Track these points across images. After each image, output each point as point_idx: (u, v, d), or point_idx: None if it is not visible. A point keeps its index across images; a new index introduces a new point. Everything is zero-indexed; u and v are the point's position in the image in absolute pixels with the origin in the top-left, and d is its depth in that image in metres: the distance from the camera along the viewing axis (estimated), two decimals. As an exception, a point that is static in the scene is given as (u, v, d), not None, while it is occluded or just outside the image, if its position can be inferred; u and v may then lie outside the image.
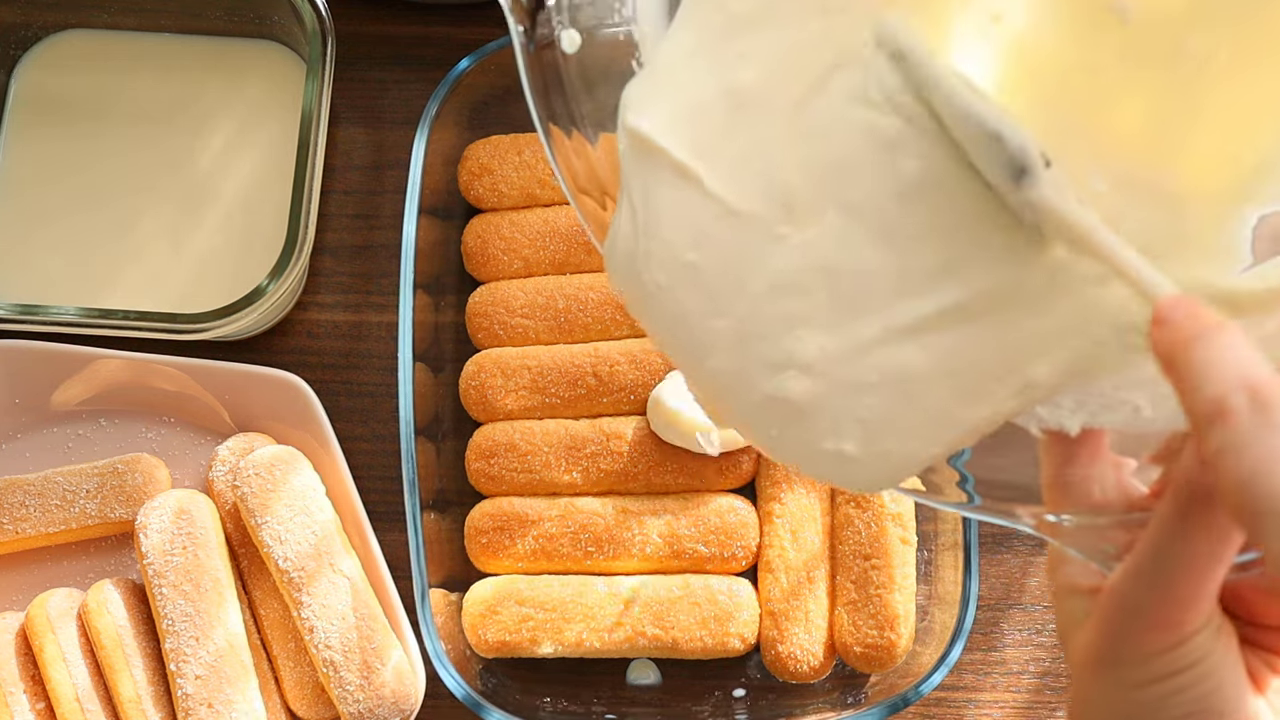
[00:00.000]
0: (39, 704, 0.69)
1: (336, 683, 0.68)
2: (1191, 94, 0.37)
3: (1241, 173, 0.38)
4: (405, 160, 0.76)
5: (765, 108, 0.38)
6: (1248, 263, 0.39)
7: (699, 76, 0.39)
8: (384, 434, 0.77)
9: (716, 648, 0.70)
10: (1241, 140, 0.38)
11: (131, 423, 0.77)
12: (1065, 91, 0.39)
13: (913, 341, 0.37)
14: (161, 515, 0.70)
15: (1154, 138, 0.38)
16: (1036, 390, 0.37)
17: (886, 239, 0.37)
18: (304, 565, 0.69)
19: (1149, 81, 0.38)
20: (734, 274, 0.38)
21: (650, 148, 0.39)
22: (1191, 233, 0.38)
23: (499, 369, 0.74)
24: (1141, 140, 0.39)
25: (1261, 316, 0.37)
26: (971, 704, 0.74)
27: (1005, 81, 0.39)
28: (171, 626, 0.68)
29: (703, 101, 0.39)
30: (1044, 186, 0.35)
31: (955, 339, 0.37)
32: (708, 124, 0.39)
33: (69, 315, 0.72)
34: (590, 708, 0.72)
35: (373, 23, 0.83)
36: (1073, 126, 0.39)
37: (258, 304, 0.71)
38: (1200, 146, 0.38)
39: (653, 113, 0.39)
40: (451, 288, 0.77)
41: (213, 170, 0.79)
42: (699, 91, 0.39)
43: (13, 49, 0.81)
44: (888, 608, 0.69)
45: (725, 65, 0.39)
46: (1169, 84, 0.38)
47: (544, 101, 0.44)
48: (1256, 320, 0.37)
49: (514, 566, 0.72)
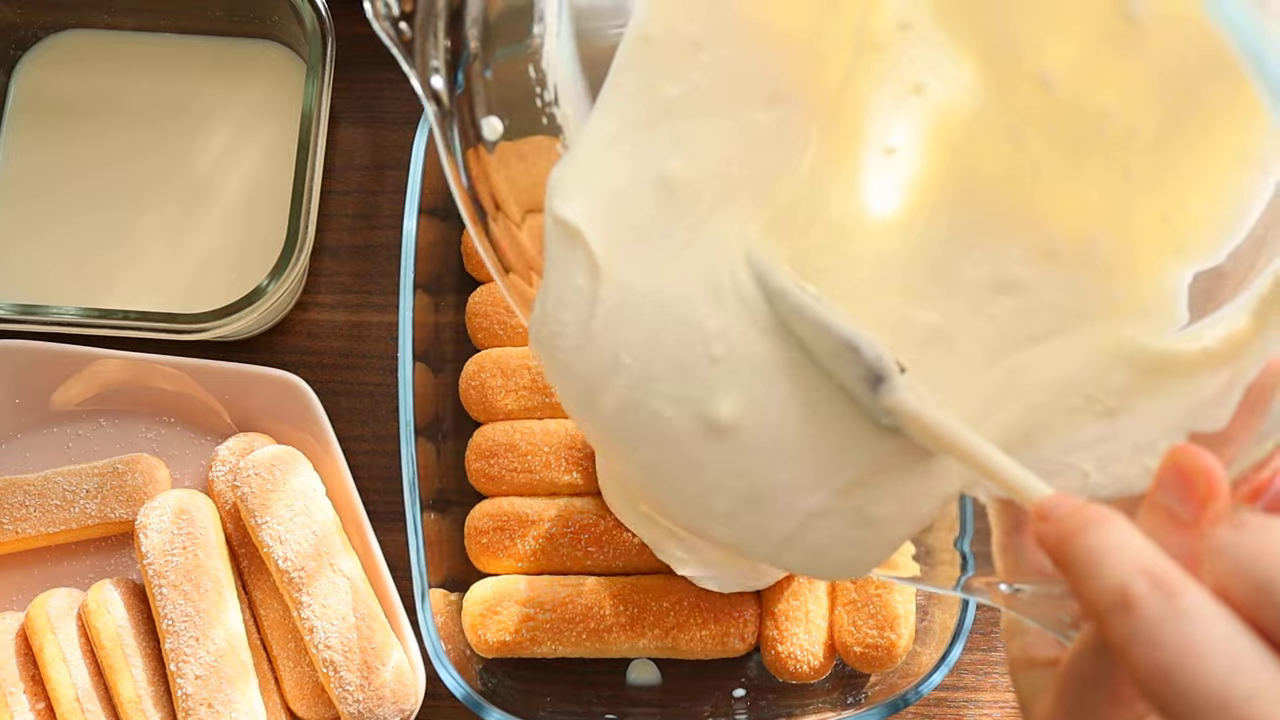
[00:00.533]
0: (39, 704, 0.69)
1: (336, 683, 0.68)
2: (1119, 160, 0.37)
3: (1174, 233, 0.38)
4: (405, 160, 0.76)
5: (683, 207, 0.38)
6: (1183, 322, 0.38)
7: (625, 164, 0.39)
8: (384, 434, 0.78)
9: (716, 648, 0.70)
10: (1171, 201, 0.37)
11: (131, 423, 0.77)
12: (984, 162, 0.39)
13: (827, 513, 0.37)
14: (161, 515, 0.70)
15: (1080, 206, 0.38)
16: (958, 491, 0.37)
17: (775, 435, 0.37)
18: (304, 565, 0.69)
19: (1074, 150, 0.37)
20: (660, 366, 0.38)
21: (573, 234, 0.38)
22: (1122, 295, 0.38)
23: (499, 369, 0.74)
24: (1066, 209, 0.38)
25: (1197, 380, 0.37)
26: (971, 704, 0.74)
27: (925, 151, 0.39)
28: (171, 626, 0.68)
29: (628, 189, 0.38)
30: (901, 391, 0.35)
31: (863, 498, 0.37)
32: (630, 214, 0.38)
33: (69, 315, 0.72)
34: (590, 708, 0.72)
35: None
36: (992, 199, 0.39)
37: (258, 304, 0.71)
38: (1129, 211, 0.38)
39: (576, 200, 0.38)
40: (451, 288, 0.77)
41: (213, 170, 0.79)
42: (624, 179, 0.38)
43: (13, 49, 0.81)
44: (888, 608, 0.69)
45: (654, 152, 0.38)
46: (1095, 151, 0.37)
47: (468, 187, 0.44)
48: (1192, 385, 0.37)
49: (514, 566, 0.72)
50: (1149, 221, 0.38)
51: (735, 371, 0.37)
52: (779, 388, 0.37)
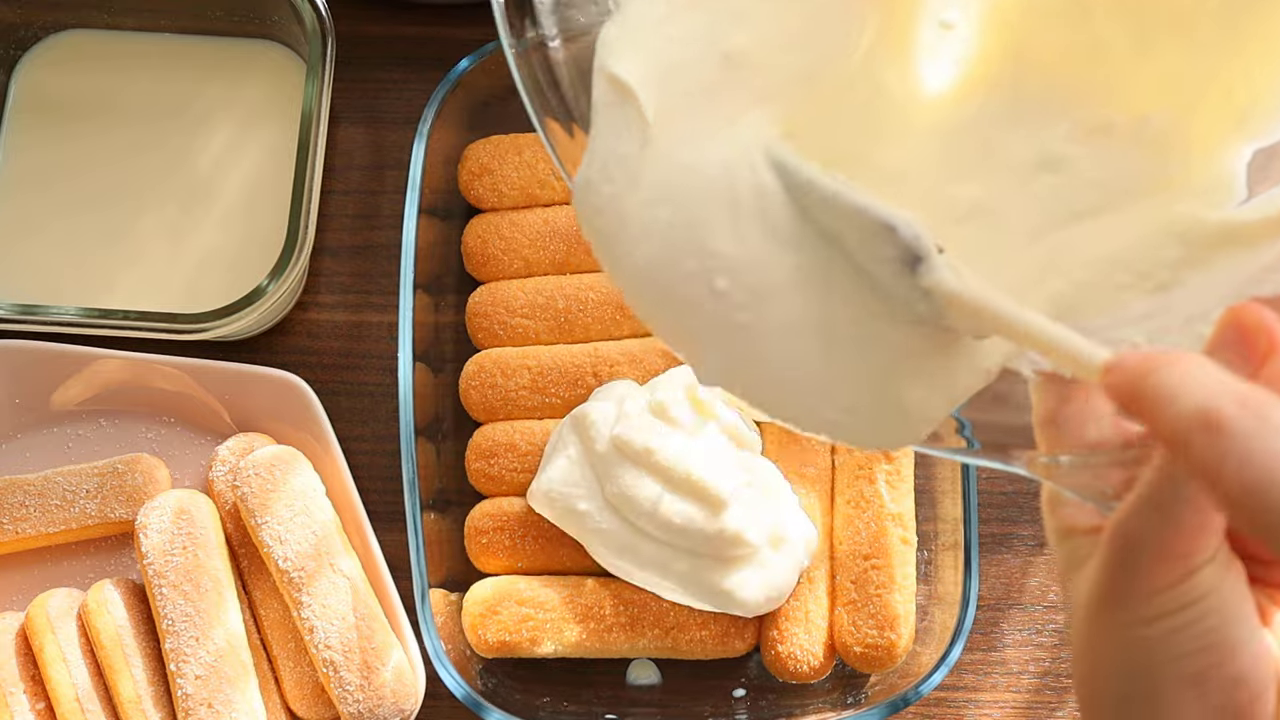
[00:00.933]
0: (39, 704, 0.69)
1: (336, 683, 0.68)
2: (1186, 30, 0.36)
3: (1236, 107, 0.37)
4: (405, 160, 0.76)
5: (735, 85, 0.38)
6: (1241, 198, 0.38)
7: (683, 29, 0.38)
8: (384, 434, 0.77)
9: (716, 648, 0.70)
10: (1237, 73, 0.37)
11: (131, 423, 0.77)
12: (1043, 37, 0.38)
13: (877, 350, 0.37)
14: (161, 515, 0.70)
15: (1140, 81, 0.37)
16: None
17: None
18: (304, 565, 0.69)
19: (1139, 21, 0.37)
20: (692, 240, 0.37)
21: (626, 94, 0.37)
22: (1176, 172, 0.38)
23: (499, 369, 0.74)
24: (1125, 85, 0.38)
25: (1258, 249, 0.36)
26: (971, 704, 0.74)
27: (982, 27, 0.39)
28: (171, 626, 0.68)
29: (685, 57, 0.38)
30: (941, 270, 0.34)
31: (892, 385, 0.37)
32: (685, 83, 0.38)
33: (69, 315, 0.72)
34: (590, 708, 0.72)
35: (373, 23, 0.83)
36: (1046, 76, 0.38)
37: (258, 304, 0.71)
38: (1192, 84, 0.37)
39: (630, 59, 0.38)
40: (451, 288, 0.77)
41: (213, 170, 0.79)
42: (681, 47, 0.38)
43: (13, 49, 0.81)
44: (888, 608, 0.69)
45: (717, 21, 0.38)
46: (1162, 20, 0.37)
47: (539, 99, 0.44)
48: (1254, 253, 0.36)
49: (514, 566, 0.72)
50: (1212, 95, 0.37)
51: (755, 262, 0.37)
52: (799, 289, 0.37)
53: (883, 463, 0.71)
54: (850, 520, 0.71)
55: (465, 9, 0.83)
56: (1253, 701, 0.34)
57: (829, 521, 0.72)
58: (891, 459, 0.71)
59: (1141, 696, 0.34)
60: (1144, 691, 0.34)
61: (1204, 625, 0.33)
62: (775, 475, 0.71)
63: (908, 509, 0.71)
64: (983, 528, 0.76)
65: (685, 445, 0.68)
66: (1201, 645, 0.33)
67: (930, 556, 0.71)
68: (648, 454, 0.68)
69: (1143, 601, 0.34)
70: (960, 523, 0.69)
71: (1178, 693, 0.34)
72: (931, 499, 0.72)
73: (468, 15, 0.83)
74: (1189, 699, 0.34)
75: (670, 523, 0.67)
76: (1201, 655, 0.33)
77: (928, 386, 0.37)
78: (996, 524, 0.76)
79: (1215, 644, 0.33)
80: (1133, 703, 0.35)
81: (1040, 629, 0.75)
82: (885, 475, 0.71)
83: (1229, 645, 0.34)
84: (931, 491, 0.72)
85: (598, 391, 0.72)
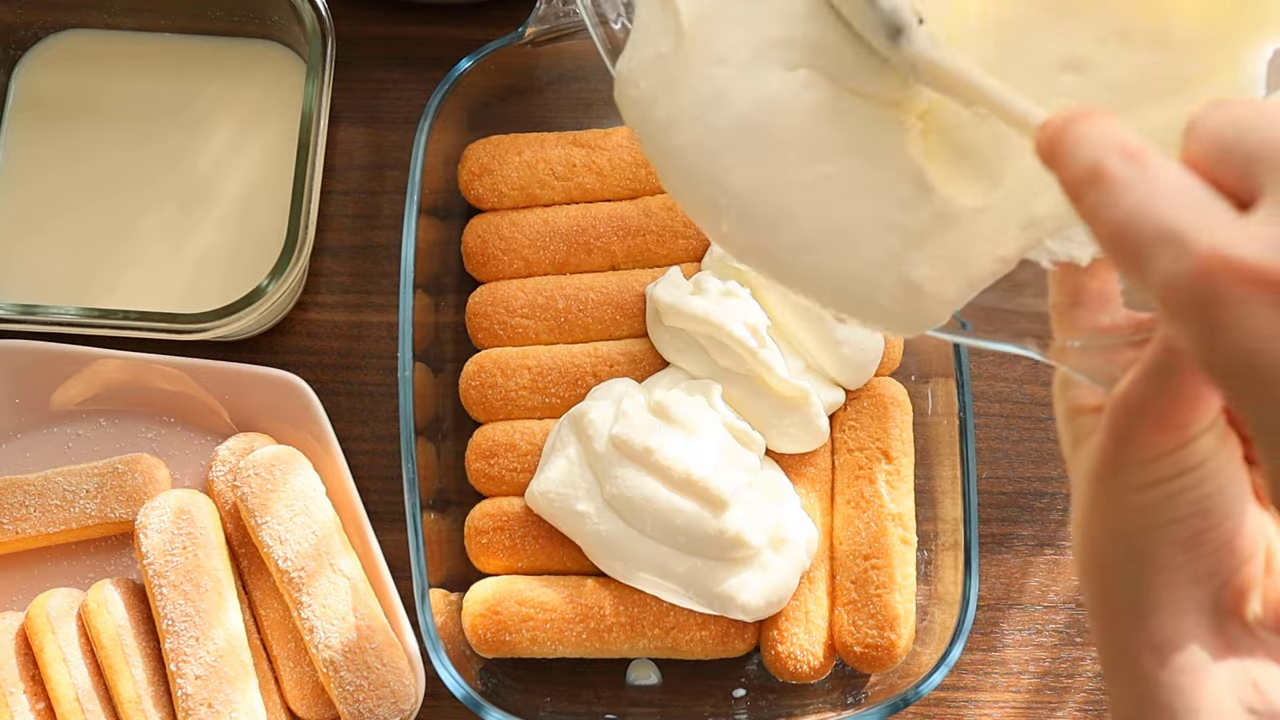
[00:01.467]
0: (39, 704, 0.69)
1: (336, 683, 0.68)
2: None
3: (1258, 7, 0.38)
4: (405, 160, 0.76)
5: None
6: (1262, 95, 0.39)
7: None
8: (384, 434, 0.78)
9: (716, 648, 0.70)
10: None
11: (131, 423, 0.77)
12: None
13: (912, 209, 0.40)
14: (161, 515, 0.70)
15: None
16: (1043, 225, 0.39)
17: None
18: (304, 565, 0.69)
19: None
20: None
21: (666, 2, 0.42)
22: (1197, 73, 0.39)
23: (499, 369, 0.74)
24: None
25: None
26: (971, 704, 0.74)
27: None
28: (171, 626, 0.68)
29: None
30: (920, 42, 0.37)
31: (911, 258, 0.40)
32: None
33: (69, 315, 0.72)
34: (590, 708, 0.72)
35: (373, 23, 0.83)
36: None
37: (258, 304, 0.71)
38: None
39: None
40: (451, 288, 0.77)
41: (213, 170, 0.79)
42: None
43: (13, 49, 0.81)
44: (888, 608, 0.69)
45: None
46: None
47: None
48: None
49: (514, 566, 0.72)
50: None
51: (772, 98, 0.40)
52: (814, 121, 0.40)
53: (883, 462, 0.71)
54: (850, 520, 0.71)
55: (465, 9, 0.83)
56: (1240, 567, 0.36)
57: (829, 521, 0.72)
58: (891, 459, 0.71)
59: (1135, 559, 0.36)
60: (1138, 553, 0.36)
61: (1198, 492, 0.35)
62: (778, 475, 0.71)
63: (908, 509, 0.71)
64: (983, 528, 0.76)
65: (686, 444, 0.68)
66: (1194, 510, 0.35)
67: (930, 556, 0.71)
68: (647, 453, 0.68)
69: (1140, 468, 0.35)
70: (960, 523, 0.69)
71: (1170, 555, 0.36)
72: (931, 499, 0.72)
73: (468, 15, 0.83)
74: (1181, 562, 0.36)
75: (670, 523, 0.67)
76: (1194, 520, 0.35)
77: (942, 268, 0.40)
78: (996, 524, 0.76)
79: (1208, 509, 0.35)
80: (1127, 565, 0.37)
81: (1040, 629, 0.75)
82: (885, 475, 0.71)
83: (1220, 511, 0.35)
84: (931, 491, 0.72)
85: (595, 391, 0.72)
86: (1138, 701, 0.36)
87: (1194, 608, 0.36)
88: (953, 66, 0.36)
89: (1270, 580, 0.36)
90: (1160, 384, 0.35)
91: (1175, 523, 0.35)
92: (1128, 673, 0.37)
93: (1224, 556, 0.36)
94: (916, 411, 0.73)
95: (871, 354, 0.72)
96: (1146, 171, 0.30)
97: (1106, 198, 0.31)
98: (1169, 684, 0.35)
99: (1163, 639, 0.36)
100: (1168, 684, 0.35)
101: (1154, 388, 0.35)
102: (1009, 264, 0.40)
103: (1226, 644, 0.36)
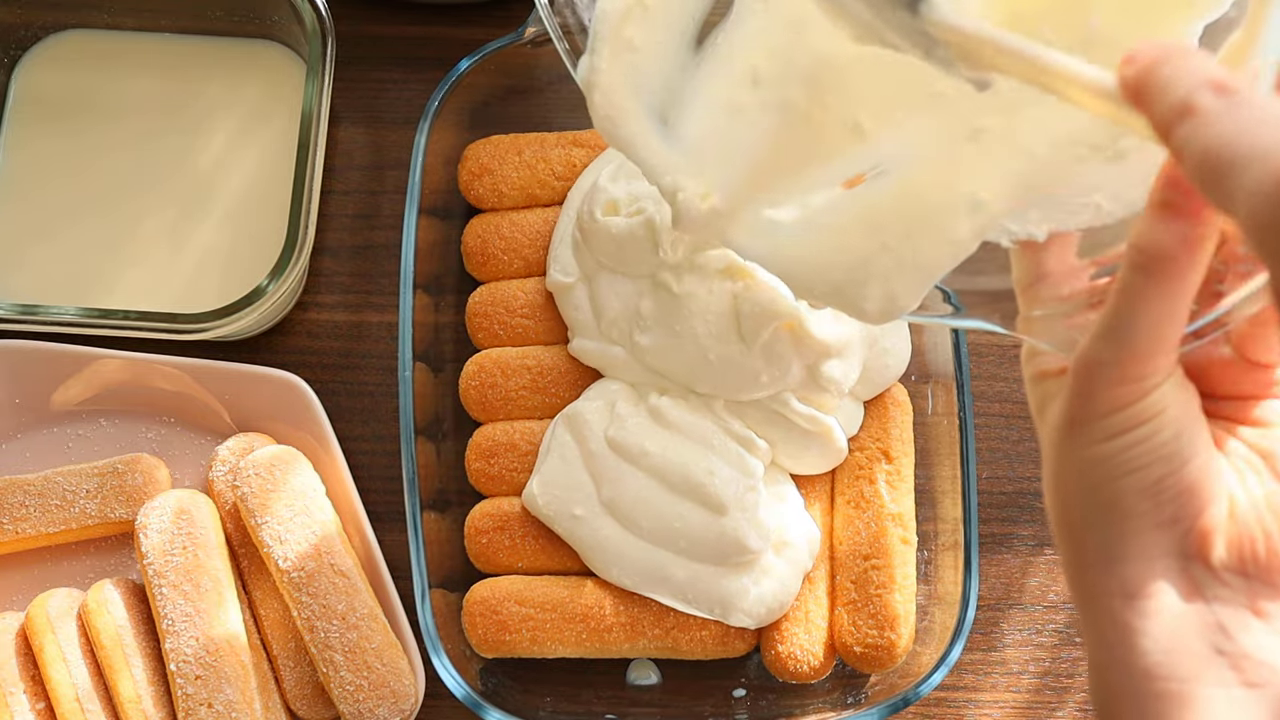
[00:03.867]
0: (39, 704, 0.69)
1: (336, 683, 0.68)
2: None
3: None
4: (405, 160, 0.76)
5: None
6: None
7: None
8: (384, 434, 0.77)
9: (716, 648, 0.70)
10: None
11: (131, 423, 0.77)
12: None
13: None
14: (161, 515, 0.70)
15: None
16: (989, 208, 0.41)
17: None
18: (304, 565, 0.69)
19: None
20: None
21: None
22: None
23: (499, 369, 0.74)
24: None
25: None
26: (971, 704, 0.74)
27: None
28: (171, 626, 0.68)
29: None
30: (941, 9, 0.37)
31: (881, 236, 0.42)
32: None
33: (69, 315, 0.72)
34: (590, 708, 0.72)
35: (373, 23, 0.83)
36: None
37: (258, 304, 0.71)
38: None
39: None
40: (451, 288, 0.77)
41: (213, 170, 0.79)
42: None
43: (13, 49, 0.81)
44: (888, 608, 0.69)
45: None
46: None
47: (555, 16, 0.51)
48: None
49: (514, 566, 0.72)
50: None
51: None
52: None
53: (883, 462, 0.71)
54: (850, 520, 0.71)
55: (465, 9, 0.83)
56: (1201, 512, 0.37)
57: (829, 521, 0.72)
58: (891, 459, 0.71)
59: (1103, 508, 0.38)
60: (1105, 503, 0.38)
61: (1159, 439, 0.37)
62: (780, 476, 0.71)
63: (908, 509, 0.71)
64: (983, 528, 0.76)
65: (683, 446, 0.68)
66: (1156, 457, 0.37)
67: (930, 556, 0.71)
68: (644, 456, 0.68)
69: (1103, 421, 0.37)
70: (960, 523, 0.69)
71: (1135, 502, 0.37)
72: (931, 499, 0.72)
73: (468, 15, 0.83)
74: (1145, 509, 0.37)
75: (669, 527, 0.67)
76: (1156, 466, 0.37)
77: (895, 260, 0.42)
78: (996, 524, 0.76)
79: (1168, 455, 0.37)
80: (1095, 515, 0.38)
81: (1040, 629, 0.75)
82: (885, 475, 0.71)
83: (1181, 457, 0.37)
84: (931, 491, 0.72)
85: (588, 391, 0.72)
86: (1109, 647, 0.38)
87: (1160, 553, 0.37)
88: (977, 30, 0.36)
89: (1232, 525, 0.37)
90: (1117, 340, 0.36)
91: (1138, 470, 0.37)
92: (1100, 619, 0.38)
93: (1185, 502, 0.37)
94: (916, 411, 0.73)
95: (903, 361, 0.72)
96: (1236, 99, 0.31)
97: (1198, 128, 0.31)
98: (1139, 628, 0.37)
99: (1132, 585, 0.37)
100: (1138, 628, 0.37)
101: (1113, 345, 0.36)
102: (966, 248, 0.42)
103: (1193, 588, 0.37)
